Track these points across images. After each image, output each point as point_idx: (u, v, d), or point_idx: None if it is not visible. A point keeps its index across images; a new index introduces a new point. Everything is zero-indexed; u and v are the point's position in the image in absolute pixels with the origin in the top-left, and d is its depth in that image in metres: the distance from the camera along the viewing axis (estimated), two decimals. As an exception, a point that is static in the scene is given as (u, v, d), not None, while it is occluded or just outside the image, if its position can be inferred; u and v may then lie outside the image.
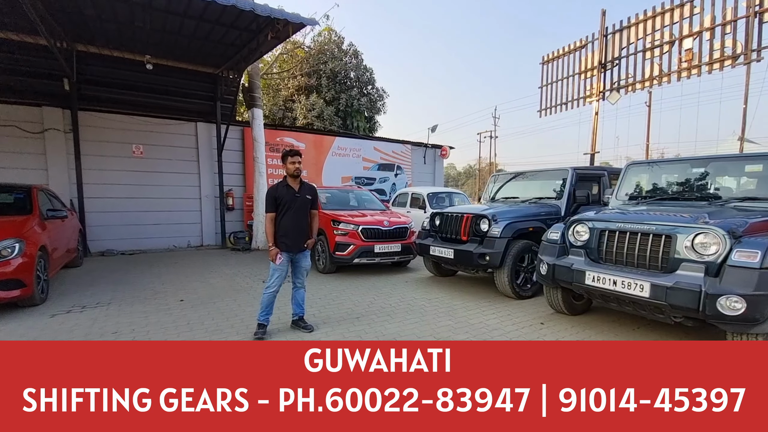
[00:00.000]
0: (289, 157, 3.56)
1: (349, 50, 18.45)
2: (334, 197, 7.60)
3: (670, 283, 2.97)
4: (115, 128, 8.79)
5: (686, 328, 3.67)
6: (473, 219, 5.12)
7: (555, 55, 10.54)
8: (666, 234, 3.17)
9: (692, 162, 4.32)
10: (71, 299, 4.88)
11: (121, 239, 8.88)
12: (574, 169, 5.52)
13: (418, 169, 13.82)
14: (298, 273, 3.70)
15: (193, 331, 3.76)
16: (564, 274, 3.69)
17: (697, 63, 7.46)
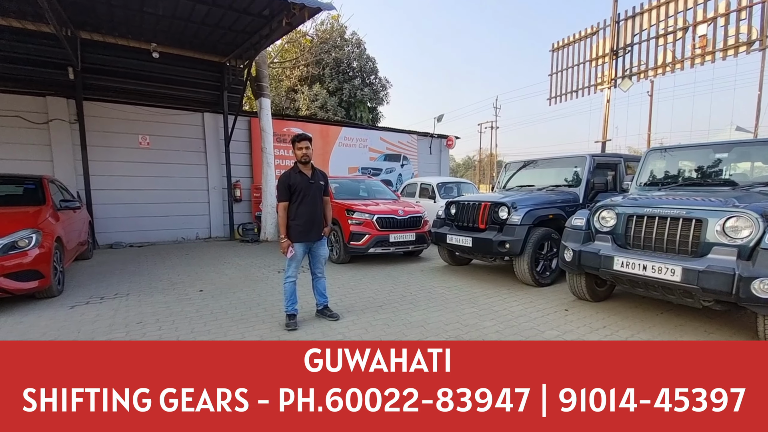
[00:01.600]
0: (297, 142, 3.45)
1: (351, 39, 18.24)
2: (345, 187, 7.55)
3: (703, 266, 2.96)
4: (121, 118, 8.67)
5: (711, 312, 3.69)
6: (492, 207, 5.10)
7: (565, 42, 10.41)
8: (697, 218, 3.16)
9: (715, 147, 4.29)
10: (88, 290, 4.85)
11: (128, 231, 8.82)
12: (591, 156, 5.49)
13: (423, 159, 13.76)
14: (316, 262, 3.65)
15: (218, 320, 3.74)
16: (591, 260, 3.67)
17: (711, 49, 7.39)
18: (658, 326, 3.52)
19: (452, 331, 3.41)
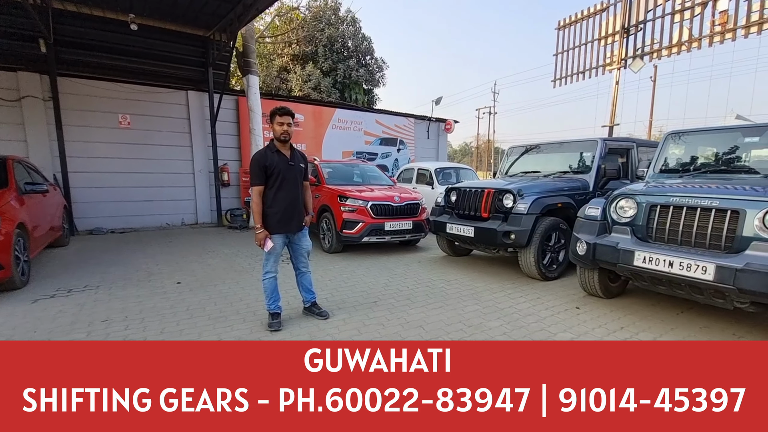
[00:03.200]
0: (278, 116, 2.94)
1: (346, 17, 17.46)
2: (338, 171, 7.12)
3: (740, 264, 2.61)
4: (99, 96, 8.11)
5: (738, 313, 3.37)
6: (495, 194, 4.71)
7: (572, 20, 9.80)
8: (732, 209, 2.79)
9: (744, 131, 3.91)
10: (56, 282, 4.44)
11: (110, 217, 8.37)
12: (603, 140, 5.09)
13: (421, 143, 13.28)
14: (299, 256, 3.24)
15: (193, 318, 3.36)
16: (607, 254, 3.32)
17: (732, 26, 6.89)
18: (680, 328, 3.19)
19: (454, 333, 3.07)
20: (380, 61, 18.07)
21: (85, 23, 7.70)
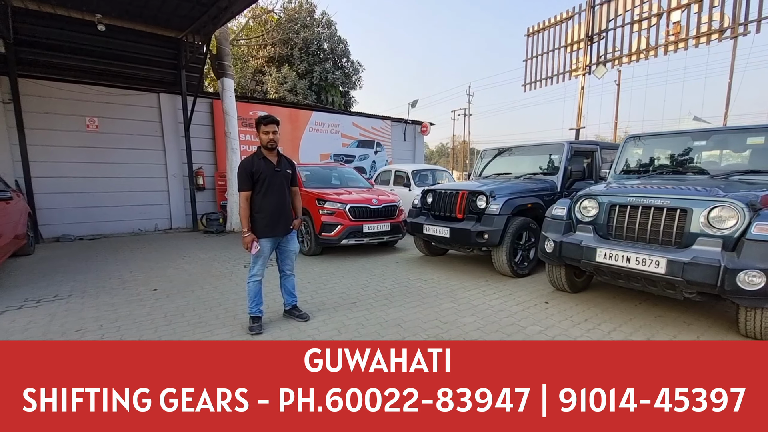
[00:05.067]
0: (263, 125, 3.03)
1: (321, 19, 17.45)
2: (316, 175, 7.16)
3: (688, 258, 2.86)
4: (63, 98, 7.82)
5: (687, 303, 3.66)
6: (469, 196, 4.89)
7: (541, 27, 10.24)
8: (681, 208, 3.05)
9: (693, 135, 4.23)
10: (23, 292, 4.30)
11: (78, 223, 8.07)
12: (569, 143, 5.37)
13: (397, 146, 13.45)
14: (285, 258, 3.32)
15: (172, 324, 3.35)
16: (572, 251, 3.53)
17: (684, 36, 7.41)
18: (638, 318, 3.44)
19: (431, 330, 3.19)
20: (356, 63, 18.16)
21: (48, 22, 7.39)
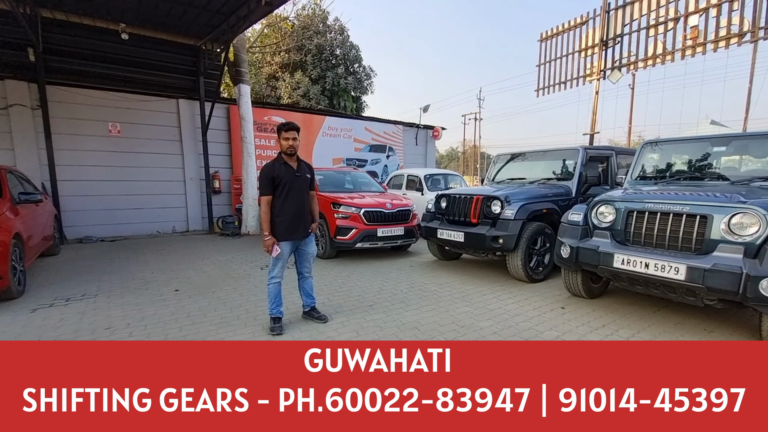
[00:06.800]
0: (283, 131, 3.18)
1: (334, 26, 17.68)
2: (330, 179, 7.25)
3: (708, 265, 2.85)
4: (88, 104, 8.09)
5: (709, 309, 3.62)
6: (484, 201, 4.92)
7: (554, 32, 10.23)
8: (701, 214, 3.04)
9: (713, 140, 4.20)
10: (53, 291, 4.47)
11: (99, 225, 8.32)
12: (584, 148, 5.37)
13: (409, 150, 13.52)
14: (304, 261, 3.41)
15: (196, 324, 3.45)
16: (589, 257, 3.54)
17: (702, 41, 7.34)
18: (657, 324, 3.42)
19: (448, 333, 3.23)
20: (368, 69, 18.34)
21: (75, 32, 7.70)
